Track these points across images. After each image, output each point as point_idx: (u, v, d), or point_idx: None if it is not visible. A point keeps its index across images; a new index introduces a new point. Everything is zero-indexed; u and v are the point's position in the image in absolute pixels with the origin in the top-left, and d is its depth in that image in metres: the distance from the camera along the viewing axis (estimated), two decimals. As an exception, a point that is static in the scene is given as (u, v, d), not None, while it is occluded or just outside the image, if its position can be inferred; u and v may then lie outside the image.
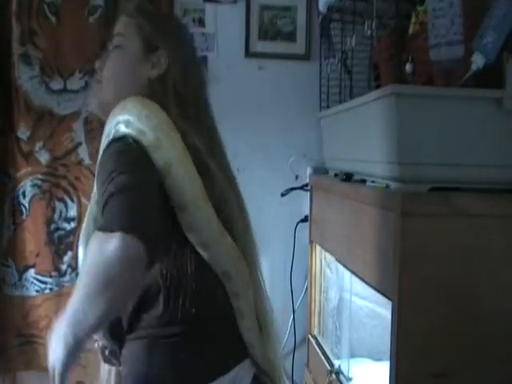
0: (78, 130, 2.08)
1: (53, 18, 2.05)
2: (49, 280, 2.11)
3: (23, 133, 2.07)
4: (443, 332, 1.12)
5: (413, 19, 1.38)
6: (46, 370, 2.43)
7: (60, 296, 2.11)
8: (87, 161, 2.10)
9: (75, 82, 2.06)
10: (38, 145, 2.08)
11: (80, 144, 2.09)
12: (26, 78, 2.06)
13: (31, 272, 2.11)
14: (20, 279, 2.11)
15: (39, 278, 2.11)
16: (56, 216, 2.10)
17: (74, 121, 2.08)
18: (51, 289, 2.11)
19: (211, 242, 0.95)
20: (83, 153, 2.09)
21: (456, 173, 1.18)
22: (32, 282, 2.11)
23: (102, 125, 0.99)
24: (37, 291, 2.11)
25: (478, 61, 1.16)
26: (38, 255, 2.09)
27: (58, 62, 2.05)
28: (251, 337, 1.03)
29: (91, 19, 2.04)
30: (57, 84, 2.06)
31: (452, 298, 1.12)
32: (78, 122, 2.08)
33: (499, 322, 1.14)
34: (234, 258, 0.98)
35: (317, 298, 2.05)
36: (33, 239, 2.09)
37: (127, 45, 1.05)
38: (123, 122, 0.90)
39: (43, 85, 2.06)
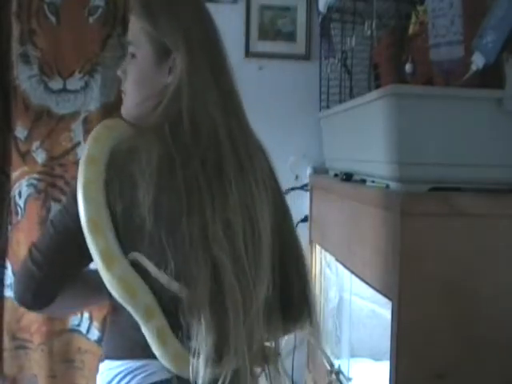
0: (77, 129, 2.07)
1: (53, 18, 2.04)
2: (47, 280, 2.09)
3: (20, 132, 2.06)
4: (443, 332, 1.12)
5: (413, 19, 1.38)
6: (35, 376, 2.40)
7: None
8: (85, 161, 2.08)
9: (75, 82, 2.05)
10: (35, 144, 2.06)
11: (79, 144, 2.07)
12: (24, 78, 2.05)
13: (27, 274, 2.09)
14: (15, 281, 2.09)
15: (35, 279, 2.09)
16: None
17: (73, 120, 2.07)
18: (50, 289, 2.10)
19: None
20: (82, 153, 2.08)
21: (456, 173, 1.18)
22: (27, 284, 2.09)
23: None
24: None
25: (477, 61, 1.16)
26: (33, 256, 2.06)
27: (58, 62, 2.04)
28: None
29: (91, 19, 2.02)
30: (56, 84, 2.05)
31: (452, 298, 1.12)
32: (76, 121, 2.07)
33: (499, 322, 1.14)
34: (119, 291, 0.91)
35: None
36: (26, 240, 2.02)
37: (138, 53, 0.99)
38: None
39: (42, 84, 2.05)
